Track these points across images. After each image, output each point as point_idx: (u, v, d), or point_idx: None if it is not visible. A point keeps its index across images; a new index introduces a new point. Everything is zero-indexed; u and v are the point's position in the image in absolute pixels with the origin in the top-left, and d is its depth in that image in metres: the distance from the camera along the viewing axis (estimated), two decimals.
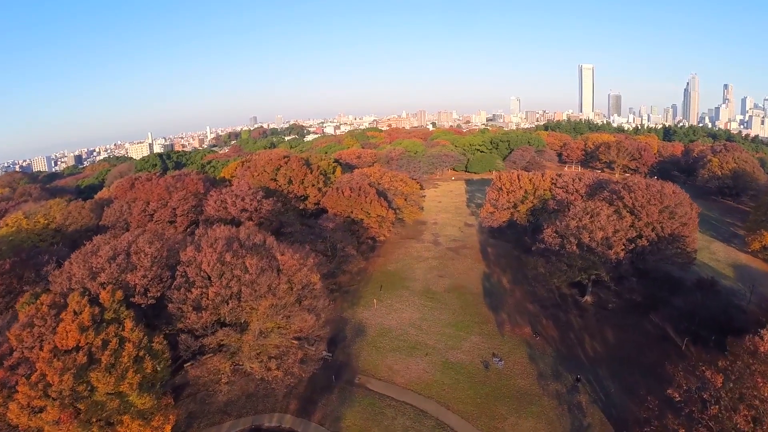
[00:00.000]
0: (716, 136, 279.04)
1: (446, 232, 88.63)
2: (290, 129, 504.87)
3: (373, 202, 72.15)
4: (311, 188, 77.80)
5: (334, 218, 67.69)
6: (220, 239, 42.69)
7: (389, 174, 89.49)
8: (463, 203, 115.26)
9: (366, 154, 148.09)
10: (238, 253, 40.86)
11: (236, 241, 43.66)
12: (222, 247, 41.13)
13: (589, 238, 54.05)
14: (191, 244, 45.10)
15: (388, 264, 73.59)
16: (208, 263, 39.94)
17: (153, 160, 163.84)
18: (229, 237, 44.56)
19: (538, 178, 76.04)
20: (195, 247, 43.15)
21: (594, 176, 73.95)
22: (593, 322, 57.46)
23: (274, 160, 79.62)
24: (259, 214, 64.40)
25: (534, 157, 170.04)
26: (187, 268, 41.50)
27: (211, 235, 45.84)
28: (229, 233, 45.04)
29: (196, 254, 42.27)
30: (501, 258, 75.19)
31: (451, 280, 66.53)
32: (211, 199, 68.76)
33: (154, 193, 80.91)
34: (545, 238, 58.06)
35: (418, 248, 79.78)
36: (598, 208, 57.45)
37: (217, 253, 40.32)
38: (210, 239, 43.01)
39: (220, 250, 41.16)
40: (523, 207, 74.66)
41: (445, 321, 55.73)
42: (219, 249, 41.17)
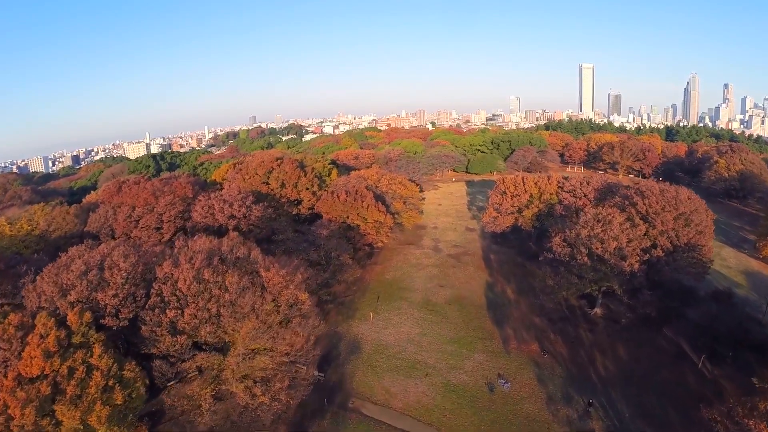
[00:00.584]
0: (719, 136, 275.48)
1: (447, 238, 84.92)
2: (288, 129, 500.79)
3: (370, 207, 68.40)
4: (305, 192, 74.00)
5: (328, 224, 63.92)
6: (200, 253, 38.92)
7: (387, 176, 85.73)
8: (464, 206, 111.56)
9: (364, 154, 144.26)
10: (218, 269, 37.11)
11: (217, 254, 39.89)
12: (201, 263, 37.37)
13: (602, 248, 50.35)
14: (170, 258, 41.37)
15: (386, 272, 69.87)
16: (184, 281, 36.19)
17: (146, 162, 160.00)
18: (211, 250, 40.78)
19: (544, 181, 72.33)
20: (172, 262, 39.39)
21: (603, 180, 70.31)
22: (604, 337, 53.82)
23: (267, 163, 75.81)
24: (248, 221, 60.64)
25: (536, 158, 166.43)
26: (162, 285, 37.76)
27: (190, 247, 42.07)
28: (211, 246, 41.25)
29: (173, 270, 38.52)
30: (504, 265, 71.47)
31: (452, 291, 62.81)
32: (198, 204, 65.02)
33: (140, 197, 77.09)
34: (553, 247, 54.35)
35: (418, 255, 76.05)
36: (610, 216, 53.74)
37: (194, 270, 36.56)
38: (188, 253, 39.24)
39: (199, 266, 37.41)
40: (528, 212, 70.96)
41: (447, 337, 52.00)
42: (197, 265, 37.42)
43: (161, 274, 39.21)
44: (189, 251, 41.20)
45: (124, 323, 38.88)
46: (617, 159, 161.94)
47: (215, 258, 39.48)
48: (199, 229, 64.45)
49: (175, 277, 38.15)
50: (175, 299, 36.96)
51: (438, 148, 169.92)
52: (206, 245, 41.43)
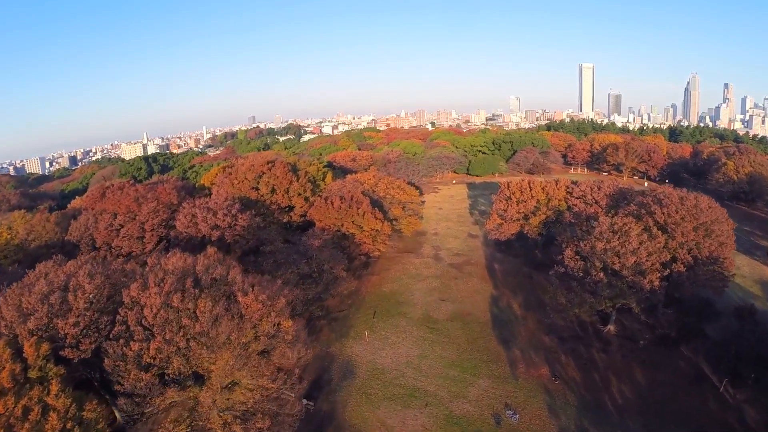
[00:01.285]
0: (723, 136, 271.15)
1: (448, 245, 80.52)
2: (287, 129, 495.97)
3: (366, 214, 64.00)
4: (297, 198, 69.52)
5: (321, 234, 59.50)
6: (171, 275, 34.50)
7: (385, 180, 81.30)
8: (465, 210, 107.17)
9: (361, 156, 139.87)
10: (190, 294, 32.67)
11: (191, 276, 35.45)
12: (171, 286, 32.94)
13: (619, 263, 45.96)
14: (140, 278, 36.96)
15: (383, 284, 65.49)
16: (150, 309, 31.78)
17: (138, 164, 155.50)
18: (184, 270, 36.34)
19: (552, 186, 67.85)
20: (141, 284, 34.96)
21: (614, 185, 65.93)
22: (619, 359, 49.50)
23: (257, 167, 71.34)
24: (233, 232, 56.21)
25: (538, 159, 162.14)
26: (128, 312, 33.36)
27: (163, 266, 37.64)
28: (185, 265, 36.80)
29: (141, 294, 34.11)
30: (509, 276, 67.10)
31: (454, 306, 58.43)
32: (181, 213, 60.66)
33: (122, 204, 72.66)
34: (565, 260, 49.92)
35: (417, 264, 71.66)
36: (626, 226, 49.34)
37: (163, 295, 32.15)
38: (159, 274, 34.81)
39: (168, 289, 32.97)
40: (535, 219, 66.51)
41: (449, 359, 47.60)
42: (166, 288, 32.99)
43: (127, 298, 34.78)
44: (160, 271, 36.76)
45: (85, 355, 34.55)
46: (622, 160, 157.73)
47: (188, 280, 35.04)
48: (182, 240, 60.16)
49: (142, 303, 33.76)
50: (141, 329, 32.54)
51: (438, 149, 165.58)
52: (180, 264, 37.00)
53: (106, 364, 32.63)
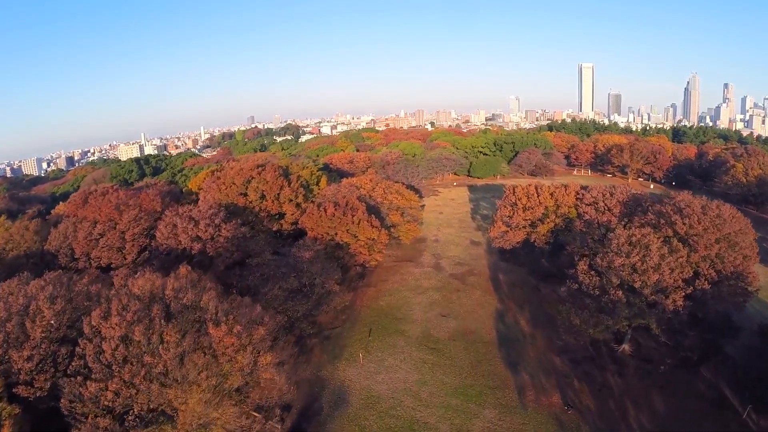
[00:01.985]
0: (727, 137, 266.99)
1: (449, 253, 76.15)
2: (285, 129, 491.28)
3: (362, 222, 59.62)
4: (288, 205, 65.07)
5: (312, 244, 55.12)
6: (136, 301, 30.15)
7: (383, 185, 76.89)
8: (467, 214, 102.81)
9: (359, 158, 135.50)
10: (155, 325, 28.32)
11: (159, 302, 31.07)
12: (134, 315, 28.60)
13: (640, 281, 41.64)
14: (105, 302, 32.63)
15: (380, 297, 61.14)
16: (110, 342, 27.46)
17: (129, 166, 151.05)
18: (152, 294, 31.99)
19: (561, 192, 63.39)
20: (104, 312, 30.63)
21: (627, 190, 61.56)
22: (635, 383, 45.20)
23: (245, 171, 66.92)
24: (216, 244, 51.83)
25: (541, 161, 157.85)
26: (88, 343, 29.05)
27: (130, 288, 33.29)
28: (152, 288, 32.43)
29: (102, 323, 29.79)
30: (516, 288, 62.76)
31: (456, 322, 54.07)
32: (162, 222, 56.34)
33: (102, 212, 68.28)
34: (579, 275, 45.55)
35: (417, 275, 67.28)
36: (646, 239, 45.00)
37: (124, 326, 27.82)
38: (122, 300, 30.44)
39: (131, 319, 28.65)
40: (543, 228, 62.10)
41: (451, 386, 43.22)
42: (129, 318, 28.67)
43: (88, 328, 30.50)
44: (125, 295, 32.41)
45: (42, 393, 30.25)
46: (627, 162, 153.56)
47: (155, 307, 30.66)
48: (163, 252, 55.83)
49: (102, 334, 29.45)
50: (100, 366, 28.23)
51: (438, 151, 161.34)
52: (147, 287, 32.63)
53: (62, 404, 28.36)
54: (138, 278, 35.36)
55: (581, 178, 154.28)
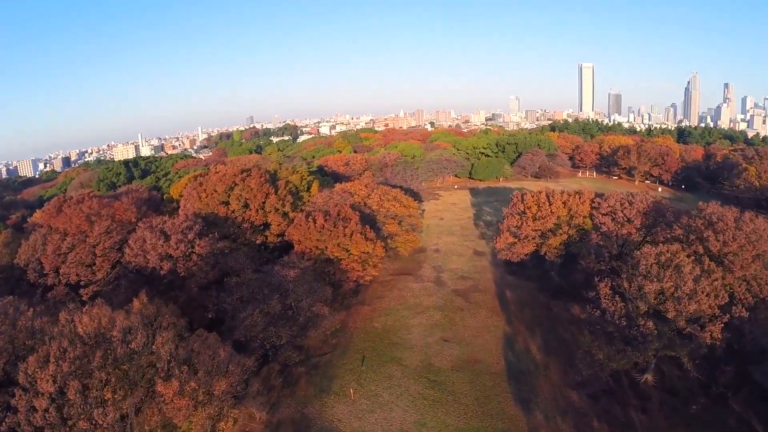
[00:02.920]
0: (733, 137, 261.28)
1: (451, 265, 70.25)
2: (283, 129, 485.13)
3: (355, 235, 53.76)
4: (274, 214, 59.09)
5: (299, 261, 49.28)
6: (78, 344, 24.43)
7: (379, 191, 70.97)
8: (469, 220, 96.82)
9: (356, 160, 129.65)
10: (94, 379, 22.54)
11: (103, 345, 25.31)
12: (70, 365, 22.89)
13: (675, 310, 35.84)
14: (47, 343, 26.85)
15: (375, 317, 55.28)
16: (41, 401, 21.75)
17: (117, 169, 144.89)
18: (97, 335, 26.22)
19: (575, 201, 57.37)
20: (41, 357, 24.89)
21: (647, 199, 55.70)
22: (661, 420, 39.53)
23: (228, 177, 61.01)
24: (189, 263, 45.98)
25: (545, 162, 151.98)
26: (22, 397, 23.34)
27: (76, 325, 27.47)
28: (99, 327, 26.63)
29: (38, 372, 24.05)
30: (525, 307, 56.91)
31: (460, 349, 48.18)
32: (132, 236, 50.56)
33: (72, 223, 62.53)
34: (601, 300, 39.71)
35: (416, 291, 61.39)
36: (676, 258, 39.20)
37: (59, 380, 22.11)
38: (62, 343, 24.66)
39: (67, 369, 22.94)
40: (555, 240, 56.24)
41: (455, 428, 37.35)
42: (66, 368, 22.98)
43: (23, 376, 24.79)
44: (68, 336, 26.62)
45: None
46: (634, 164, 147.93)
47: (98, 352, 24.88)
48: (132, 271, 50.01)
49: (37, 386, 23.71)
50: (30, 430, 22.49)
51: (438, 152, 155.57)
52: (93, 326, 26.85)
53: None
54: (85, 314, 29.56)
55: (586, 181, 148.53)
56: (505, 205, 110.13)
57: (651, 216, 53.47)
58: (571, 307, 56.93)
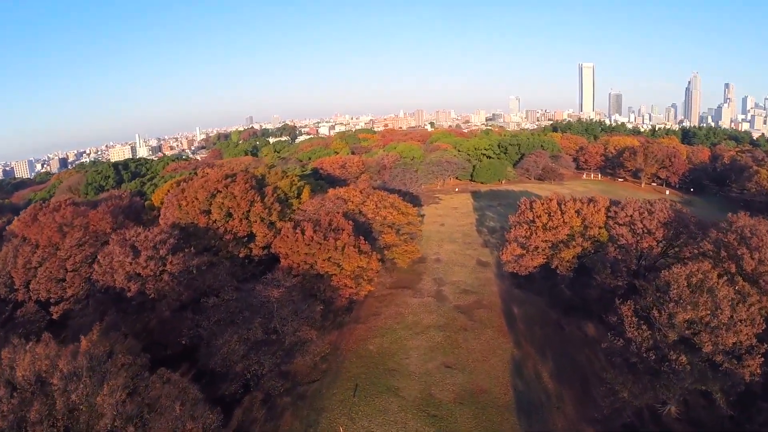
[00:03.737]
0: (738, 138, 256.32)
1: (453, 277, 65.36)
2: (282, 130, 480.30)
3: (348, 248, 48.85)
4: (259, 225, 54.14)
5: (284, 278, 44.35)
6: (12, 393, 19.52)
7: (375, 197, 66.01)
8: (471, 226, 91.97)
9: (352, 162, 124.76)
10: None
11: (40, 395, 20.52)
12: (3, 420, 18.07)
13: (711, 343, 30.99)
14: None
15: (370, 337, 50.39)
16: None
17: (106, 172, 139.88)
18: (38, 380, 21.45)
19: (589, 210, 52.33)
20: None
21: (668, 208, 50.80)
22: None
23: (211, 183, 56.10)
24: (160, 283, 41.10)
25: (549, 164, 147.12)
26: None
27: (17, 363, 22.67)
28: (41, 370, 21.84)
29: None
30: (534, 325, 52.05)
31: (464, 377, 43.27)
32: (102, 252, 45.70)
33: (44, 233, 57.69)
34: (626, 327, 34.84)
35: (415, 307, 56.49)
36: (709, 281, 34.37)
37: None
38: None
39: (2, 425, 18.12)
40: (567, 252, 51.29)
41: None
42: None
43: None
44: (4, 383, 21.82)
45: None
46: (640, 166, 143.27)
47: (35, 405, 20.07)
48: (100, 290, 45.13)
49: None
50: None
51: (438, 153, 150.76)
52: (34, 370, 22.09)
53: None
54: (28, 352, 24.77)
55: (591, 183, 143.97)
56: (508, 209, 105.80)
57: (672, 227, 48.61)
58: (584, 326, 52.21)
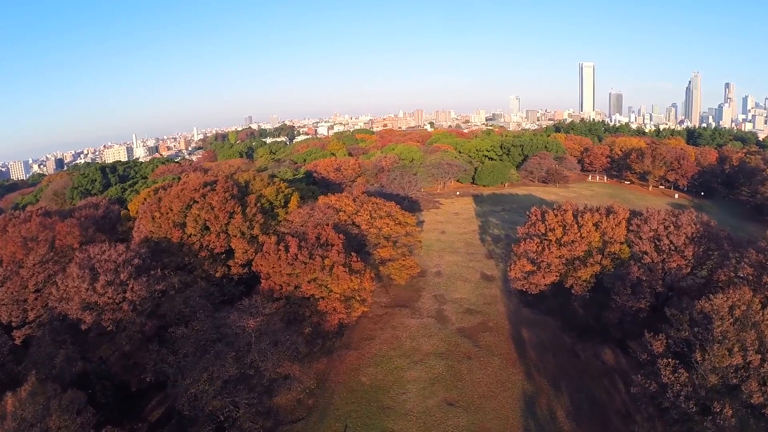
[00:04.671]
0: (744, 139, 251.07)
1: (455, 293, 59.78)
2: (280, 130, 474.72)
3: (337, 268, 43.23)
4: (239, 239, 48.41)
5: (263, 304, 38.76)
6: None
7: (369, 206, 60.36)
8: (474, 234, 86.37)
9: (348, 164, 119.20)
10: None
11: None
12: None
13: (763, 395, 25.63)
14: None
15: (363, 367, 44.84)
16: None
17: (92, 175, 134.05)
18: None
19: (609, 223, 46.53)
20: None
21: (694, 220, 45.33)
22: None
23: (187, 191, 50.51)
24: (118, 313, 35.61)
25: (553, 166, 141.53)
26: None
27: None
28: None
29: None
30: (546, 353, 46.51)
31: (468, 417, 37.73)
32: (60, 275, 40.18)
33: (7, 249, 52.19)
34: (660, 369, 29.37)
35: (413, 330, 50.92)
36: (755, 313, 28.96)
37: None
38: None
39: None
40: (585, 272, 45.66)
41: None
42: None
43: None
44: None
45: None
46: (648, 168, 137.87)
47: None
48: (58, 317, 39.60)
49: None
50: None
51: (439, 155, 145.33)
52: None
53: None
54: None
55: (598, 186, 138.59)
56: (512, 215, 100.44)
57: (703, 243, 43.14)
58: (601, 352, 46.75)
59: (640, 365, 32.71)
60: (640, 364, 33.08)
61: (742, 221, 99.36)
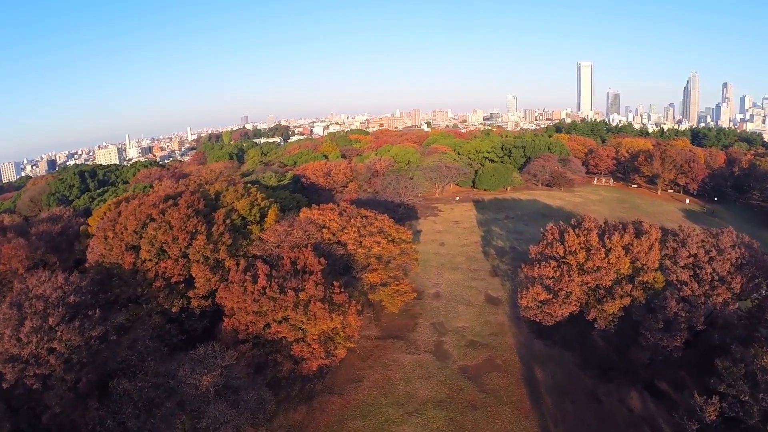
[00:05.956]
0: (750, 140, 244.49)
1: (457, 321, 52.54)
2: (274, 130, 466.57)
3: (314, 304, 35.80)
4: (200, 266, 40.86)
5: (220, 354, 31.54)
6: None
7: (357, 222, 52.81)
8: (476, 246, 79.05)
9: (339, 168, 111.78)
10: None
11: None
12: None
13: None
14: None
15: (347, 419, 37.53)
16: None
17: (70, 180, 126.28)
18: None
19: (642, 247, 38.78)
20: None
21: (736, 241, 38.39)
22: None
23: (145, 207, 43.22)
24: (43, 368, 28.24)
25: (557, 169, 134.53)
26: None
27: None
28: None
29: None
30: (564, 398, 39.45)
31: None
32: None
33: None
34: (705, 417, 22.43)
35: (408, 369, 43.64)
36: None
37: None
38: None
39: None
40: (613, 305, 38.43)
41: None
42: None
43: None
44: None
45: None
46: (657, 171, 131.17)
47: None
48: None
49: None
50: None
51: (436, 157, 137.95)
52: None
53: None
54: None
55: (604, 190, 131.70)
56: (516, 222, 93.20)
57: (749, 270, 36.15)
58: (627, 396, 39.68)
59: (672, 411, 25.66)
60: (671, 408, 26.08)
61: (756, 228, 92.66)
